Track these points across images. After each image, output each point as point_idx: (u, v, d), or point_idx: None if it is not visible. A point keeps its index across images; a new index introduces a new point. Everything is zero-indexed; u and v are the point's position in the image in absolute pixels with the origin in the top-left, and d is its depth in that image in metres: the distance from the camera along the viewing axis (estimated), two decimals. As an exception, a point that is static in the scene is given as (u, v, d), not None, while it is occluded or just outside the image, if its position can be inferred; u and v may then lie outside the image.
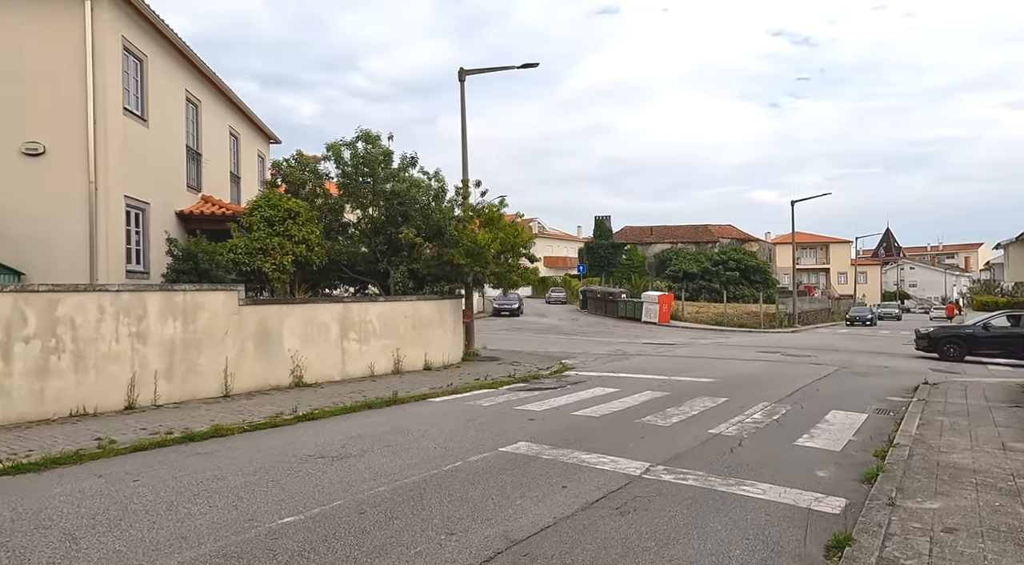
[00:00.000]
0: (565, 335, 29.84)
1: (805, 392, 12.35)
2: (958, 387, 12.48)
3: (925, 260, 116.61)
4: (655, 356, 20.08)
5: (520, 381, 13.72)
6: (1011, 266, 48.39)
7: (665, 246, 66.11)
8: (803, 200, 50.78)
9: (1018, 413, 9.46)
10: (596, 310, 44.49)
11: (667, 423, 8.99)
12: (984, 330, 19.22)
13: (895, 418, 9.48)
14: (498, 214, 16.77)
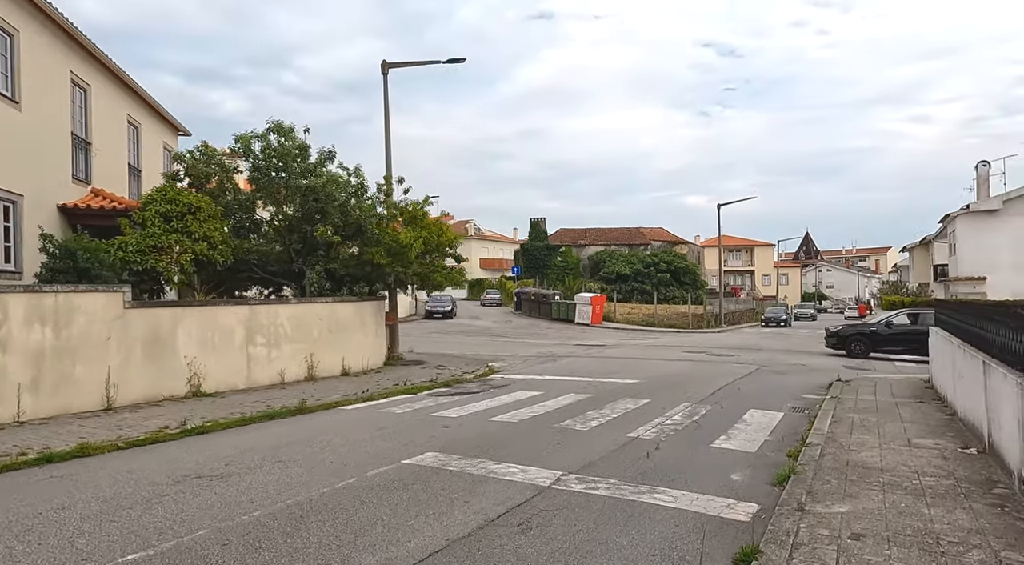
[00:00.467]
0: (497, 337, 29.47)
1: (726, 391, 12.40)
2: (868, 384, 12.86)
3: (841, 263, 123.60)
4: (584, 357, 19.96)
5: (442, 386, 13.19)
6: (915, 268, 51.79)
7: (599, 248, 66.96)
8: (728, 204, 52.68)
9: (922, 409, 9.72)
10: (530, 312, 44.40)
11: (586, 427, 8.69)
12: (886, 328, 20.17)
13: (809, 416, 9.55)
14: (422, 213, 16.18)
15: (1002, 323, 6.18)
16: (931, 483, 5.66)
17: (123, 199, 13.65)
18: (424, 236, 15.60)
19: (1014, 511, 4.87)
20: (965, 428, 8.00)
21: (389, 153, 17.73)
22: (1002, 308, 6.60)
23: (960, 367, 8.48)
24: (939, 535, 4.38)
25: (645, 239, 69.09)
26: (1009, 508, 4.95)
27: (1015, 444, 5.36)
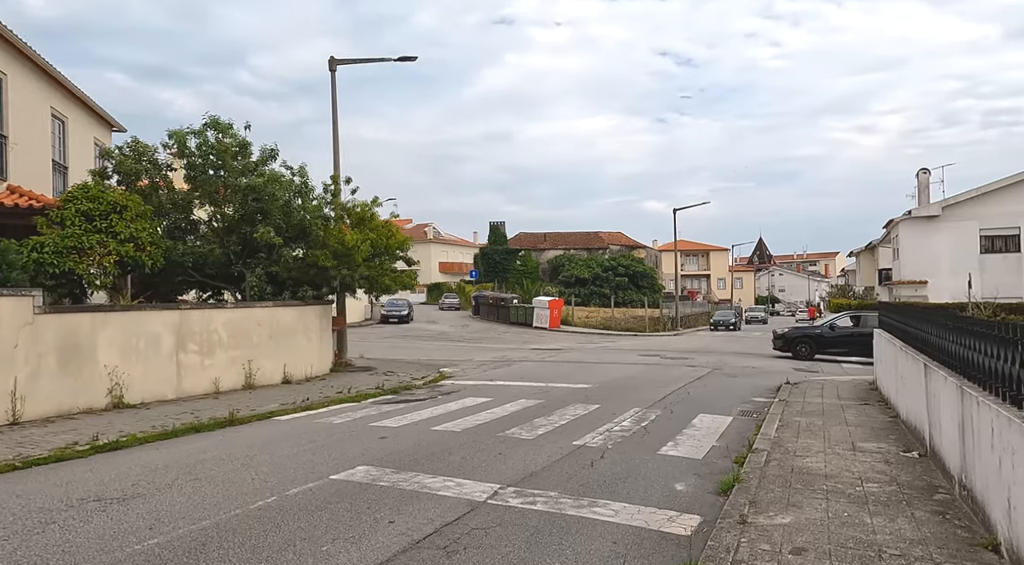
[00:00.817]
0: (453, 342, 28.99)
1: (677, 395, 12.30)
2: (816, 386, 12.95)
3: (792, 267, 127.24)
4: (539, 362, 19.71)
5: (389, 393, 12.70)
6: (861, 272, 53.53)
7: (558, 252, 67.09)
8: (683, 208, 53.51)
9: (867, 411, 9.76)
10: (488, 316, 44.04)
11: (532, 435, 8.38)
12: (831, 330, 20.59)
13: (757, 420, 9.48)
14: (370, 214, 15.66)
15: (942, 326, 6.13)
16: (874, 490, 5.54)
17: (43, 197, 12.71)
18: (372, 238, 15.09)
19: (955, 519, 4.76)
20: (908, 431, 8.01)
21: (337, 152, 17.15)
22: (942, 311, 6.58)
23: (903, 369, 8.51)
24: (881, 547, 4.21)
25: (604, 243, 69.60)
26: (950, 515, 4.84)
27: (955, 448, 5.28)
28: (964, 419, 4.91)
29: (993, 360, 4.33)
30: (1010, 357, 3.98)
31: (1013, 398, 3.94)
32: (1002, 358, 4.13)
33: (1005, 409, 3.94)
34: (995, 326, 4.39)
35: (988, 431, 4.22)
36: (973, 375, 4.88)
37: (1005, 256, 27.69)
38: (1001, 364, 4.16)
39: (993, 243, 28.15)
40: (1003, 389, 4.14)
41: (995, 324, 4.44)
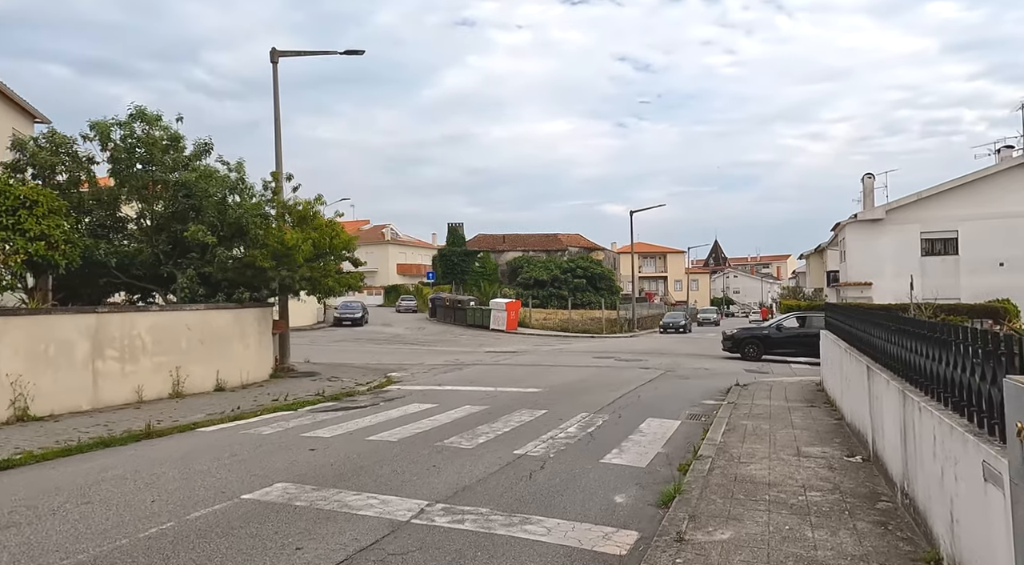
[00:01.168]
0: (406, 345, 28.34)
1: (628, 399, 12.07)
2: (764, 388, 12.93)
3: (746, 269, 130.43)
4: (492, 365, 19.31)
5: (329, 400, 12.10)
6: (811, 274, 55.00)
7: (517, 254, 66.90)
8: (640, 211, 54.24)
9: (812, 413, 9.69)
10: (445, 318, 43.43)
11: (472, 445, 7.96)
12: (777, 331, 20.85)
13: (705, 424, 9.29)
14: (312, 212, 14.99)
15: (884, 328, 5.99)
16: (817, 499, 5.33)
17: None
18: (314, 237, 14.44)
19: (897, 530, 4.56)
20: (852, 434, 7.92)
21: (279, 148, 16.40)
22: (885, 313, 6.46)
23: (847, 371, 8.43)
24: (822, 564, 3.95)
25: (562, 245, 69.75)
26: (892, 526, 4.65)
27: (897, 455, 5.11)
28: (906, 424, 4.73)
29: (934, 363, 4.14)
30: (951, 361, 3.78)
31: (955, 404, 3.74)
32: (943, 361, 3.93)
33: (947, 416, 3.73)
34: (936, 328, 4.20)
35: (930, 438, 4.02)
36: (915, 379, 4.70)
37: (944, 259, 28.67)
38: (942, 368, 3.96)
39: (933, 246, 29.13)
40: (945, 394, 3.94)
41: (936, 325, 4.25)
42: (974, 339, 3.43)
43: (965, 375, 3.54)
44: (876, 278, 29.06)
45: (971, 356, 3.44)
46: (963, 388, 3.59)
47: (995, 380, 3.13)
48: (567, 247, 69.68)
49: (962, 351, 3.59)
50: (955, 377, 3.72)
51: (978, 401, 3.35)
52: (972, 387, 3.43)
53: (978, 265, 27.63)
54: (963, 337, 3.60)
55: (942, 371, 3.97)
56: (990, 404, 3.18)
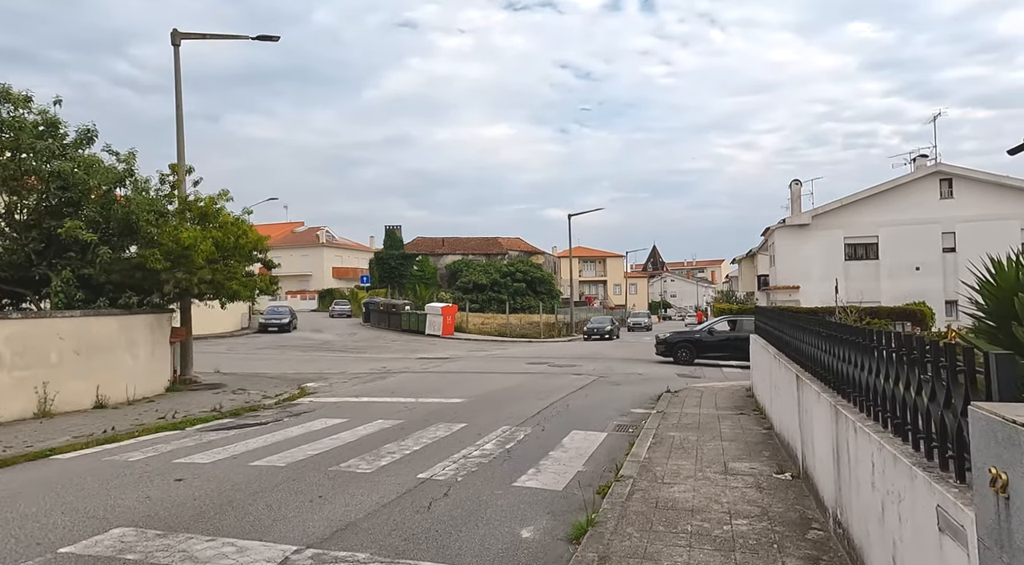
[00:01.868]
0: (334, 352, 26.92)
1: (555, 408, 11.41)
2: (695, 394, 12.55)
3: (683, 274, 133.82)
4: (420, 373, 18.34)
5: (228, 416, 10.89)
6: (743, 278, 56.52)
7: (456, 258, 65.95)
8: (578, 214, 54.49)
9: (742, 422, 9.28)
10: (379, 323, 41.97)
11: (372, 468, 7.06)
12: (709, 335, 20.84)
13: (632, 435, 8.73)
14: (215, 209, 13.66)
15: (815, 333, 5.50)
16: (743, 529, 4.73)
17: None
18: (217, 236, 13.14)
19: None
20: (781, 446, 7.48)
21: (181, 137, 14.94)
22: (815, 317, 6.00)
23: (776, 379, 8.02)
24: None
25: (502, 249, 69.26)
26: (826, 561, 4.08)
27: (829, 477, 4.57)
28: (839, 445, 4.18)
29: (873, 377, 3.58)
30: (893, 376, 3.21)
31: (898, 427, 3.17)
32: (883, 375, 3.37)
33: (889, 441, 3.16)
34: (872, 336, 3.65)
35: (868, 465, 3.45)
36: (850, 393, 4.17)
37: (866, 263, 29.67)
38: (882, 383, 3.40)
39: (856, 251, 30.11)
40: (885, 414, 3.37)
41: (872, 333, 3.71)
42: (922, 351, 2.85)
43: (911, 394, 2.96)
44: (804, 281, 29.77)
45: (918, 373, 2.86)
46: (908, 409, 3.02)
47: (949, 404, 2.54)
48: (507, 251, 69.23)
49: (906, 365, 3.01)
50: (898, 395, 3.14)
51: (926, 426, 2.77)
52: (920, 408, 2.85)
53: (896, 269, 28.71)
54: (906, 347, 3.03)
55: (882, 386, 3.40)
56: (943, 432, 2.59)
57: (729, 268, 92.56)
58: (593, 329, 37.73)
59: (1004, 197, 27.93)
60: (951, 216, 28.49)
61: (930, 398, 2.70)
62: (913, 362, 2.92)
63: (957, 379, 2.45)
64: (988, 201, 28.13)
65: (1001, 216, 27.79)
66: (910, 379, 2.98)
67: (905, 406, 3.06)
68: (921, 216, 28.72)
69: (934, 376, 2.66)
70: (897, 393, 3.18)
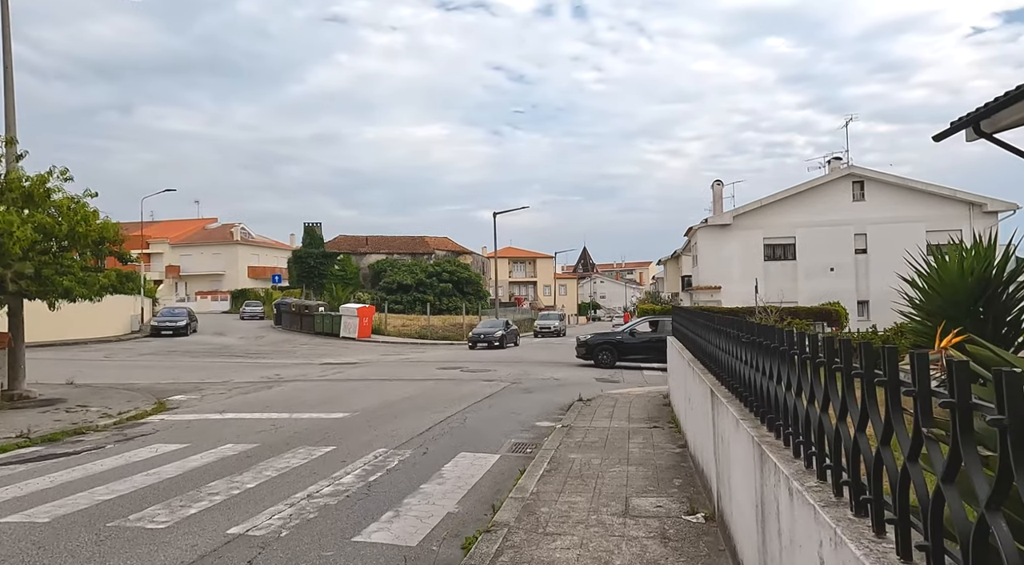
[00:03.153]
0: (229, 358, 24.37)
1: (450, 423, 9.91)
2: (608, 403, 11.37)
3: (612, 275, 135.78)
4: (314, 382, 16.40)
5: (37, 443, 8.76)
6: (668, 279, 57.08)
7: (380, 257, 63.46)
8: (503, 212, 53.42)
9: (654, 438, 8.08)
10: (291, 326, 39.17)
11: (172, 519, 5.32)
12: (631, 336, 19.97)
13: (528, 458, 7.36)
14: (43, 191, 11.33)
15: (732, 338, 4.26)
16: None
17: None
18: (44, 223, 10.84)
19: None
20: (695, 471, 6.28)
21: (11, 103, 12.44)
22: (733, 318, 4.77)
23: (691, 391, 6.84)
24: None
25: (429, 248, 67.29)
26: None
27: (751, 540, 3.29)
28: (765, 503, 2.89)
29: (819, 411, 2.28)
30: (856, 416, 1.89)
31: (859, 500, 1.86)
32: (836, 411, 2.06)
33: (839, 518, 1.84)
34: (807, 343, 2.36)
35: (809, 541, 2.13)
36: (779, 425, 2.88)
37: (784, 263, 29.89)
38: (837, 422, 2.09)
39: (775, 251, 30.31)
40: (838, 471, 2.06)
41: (806, 339, 2.43)
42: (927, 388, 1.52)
43: (890, 452, 1.63)
44: (725, 282, 29.66)
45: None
46: (876, 476, 1.69)
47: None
48: (434, 251, 67.26)
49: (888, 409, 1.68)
50: (864, 445, 1.82)
51: (902, 511, 1.44)
52: (893, 474, 1.52)
53: (812, 270, 29.04)
54: (883, 368, 1.70)
55: (834, 429, 2.09)
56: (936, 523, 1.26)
57: (656, 270, 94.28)
58: (479, 335, 29.50)
59: (911, 200, 28.76)
60: (863, 218, 29.09)
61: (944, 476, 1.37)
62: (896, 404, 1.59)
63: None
64: (897, 204, 28.89)
65: (909, 219, 28.58)
66: (881, 424, 1.66)
67: (881, 466, 1.75)
68: (835, 218, 29.18)
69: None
70: (863, 442, 1.87)
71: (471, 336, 30.10)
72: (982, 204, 28.06)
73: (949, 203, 28.47)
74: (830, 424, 2.16)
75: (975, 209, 28.23)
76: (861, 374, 1.84)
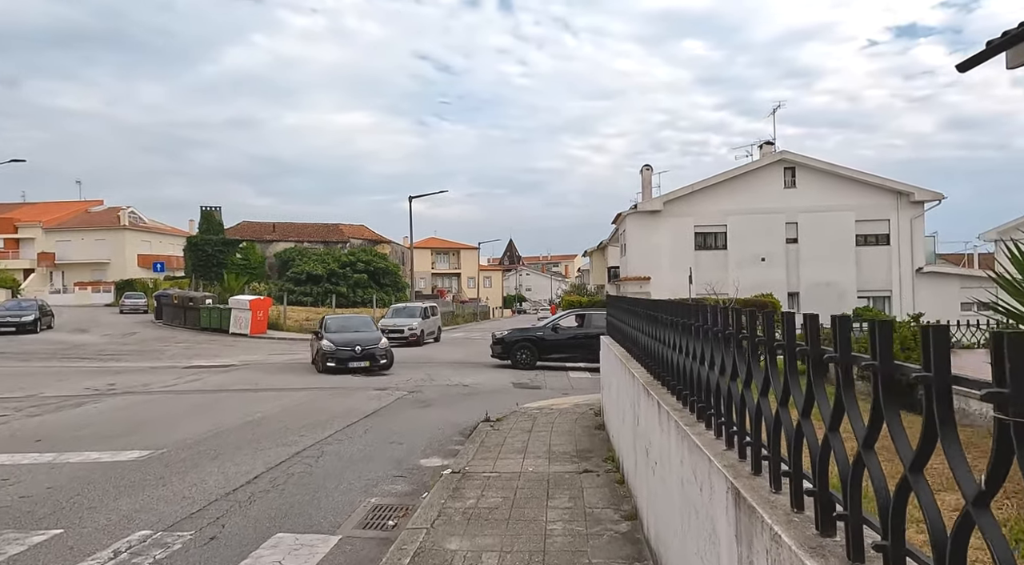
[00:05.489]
0: (69, 362, 19.89)
1: (291, 467, 6.81)
2: (524, 425, 8.57)
3: (538, 268, 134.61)
4: (150, 395, 12.72)
5: None
6: (594, 271, 55.50)
7: (289, 245, 58.42)
8: (419, 197, 49.74)
9: (585, 498, 5.32)
10: (174, 320, 34.24)
11: None
12: (554, 332, 17.34)
13: (382, 547, 4.42)
14: None
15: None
16: None
17: None
18: None
19: None
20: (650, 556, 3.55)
21: None
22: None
23: (645, 425, 4.09)
24: None
25: (344, 236, 62.76)
26: None
27: None
28: None
29: None
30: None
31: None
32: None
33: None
34: None
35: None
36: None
37: (715, 253, 28.33)
38: None
39: (706, 240, 28.70)
40: None
41: None
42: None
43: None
44: (655, 272, 27.76)
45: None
46: None
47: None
48: (349, 239, 62.72)
49: None
50: None
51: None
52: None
53: (744, 259, 27.62)
54: None
55: None
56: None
57: (581, 262, 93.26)
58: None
59: (841, 188, 27.84)
60: (794, 206, 27.94)
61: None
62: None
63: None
64: (827, 191, 27.91)
65: (838, 207, 27.65)
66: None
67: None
68: (767, 205, 27.88)
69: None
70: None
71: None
72: (909, 193, 27.48)
73: (878, 192, 27.75)
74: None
75: (902, 199, 27.63)
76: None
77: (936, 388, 1.12)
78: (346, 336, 16.72)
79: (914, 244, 27.58)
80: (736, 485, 1.97)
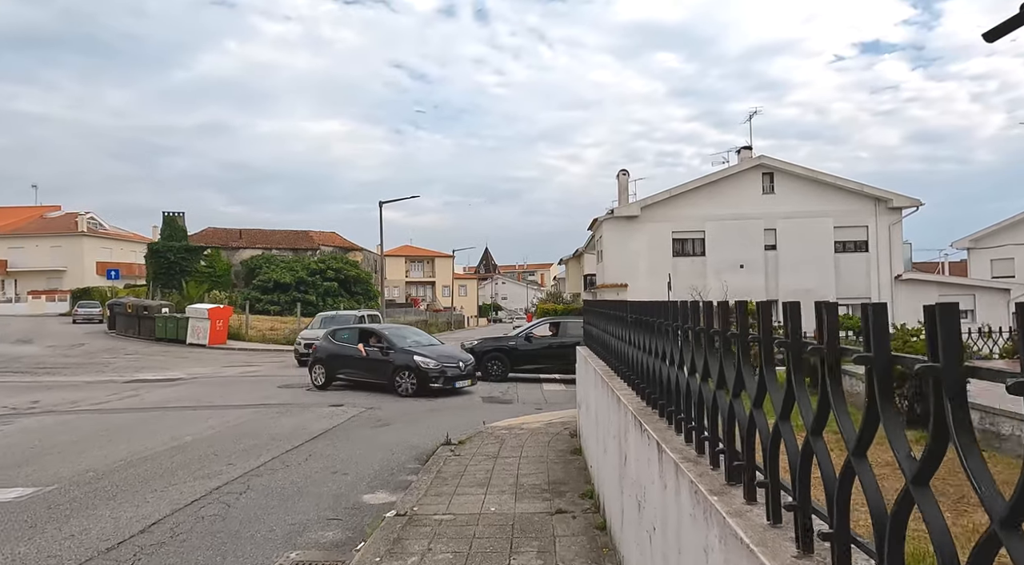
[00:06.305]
0: (1, 375, 18.20)
1: (202, 509, 5.63)
2: (489, 449, 7.47)
3: (513, 276, 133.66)
4: (72, 414, 11.33)
5: None
6: (570, 279, 54.70)
7: (256, 252, 56.49)
8: (390, 202, 48.65)
9: (558, 549, 4.25)
10: (128, 330, 32.36)
11: None
12: (527, 342, 16.25)
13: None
14: None
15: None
16: None
17: None
18: None
19: None
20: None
21: None
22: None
23: (637, 471, 3.04)
24: None
25: (314, 243, 60.97)
26: None
27: None
28: None
29: None
30: None
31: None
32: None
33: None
34: None
35: None
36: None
37: (693, 259, 27.63)
38: None
39: (684, 246, 27.99)
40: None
41: None
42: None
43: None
44: (632, 279, 26.93)
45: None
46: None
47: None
48: (319, 246, 60.92)
49: None
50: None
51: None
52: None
53: (722, 266, 26.96)
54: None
55: None
56: None
57: (557, 270, 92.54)
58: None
59: (820, 193, 27.40)
60: (772, 212, 27.40)
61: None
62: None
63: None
64: (805, 197, 27.45)
65: (817, 213, 27.20)
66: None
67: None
68: (745, 211, 27.30)
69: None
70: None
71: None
72: (887, 200, 27.14)
73: (856, 198, 27.37)
74: None
75: (880, 205, 27.28)
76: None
77: (877, 370, 1.13)
78: (439, 350, 14.29)
79: (892, 251, 27.21)
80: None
